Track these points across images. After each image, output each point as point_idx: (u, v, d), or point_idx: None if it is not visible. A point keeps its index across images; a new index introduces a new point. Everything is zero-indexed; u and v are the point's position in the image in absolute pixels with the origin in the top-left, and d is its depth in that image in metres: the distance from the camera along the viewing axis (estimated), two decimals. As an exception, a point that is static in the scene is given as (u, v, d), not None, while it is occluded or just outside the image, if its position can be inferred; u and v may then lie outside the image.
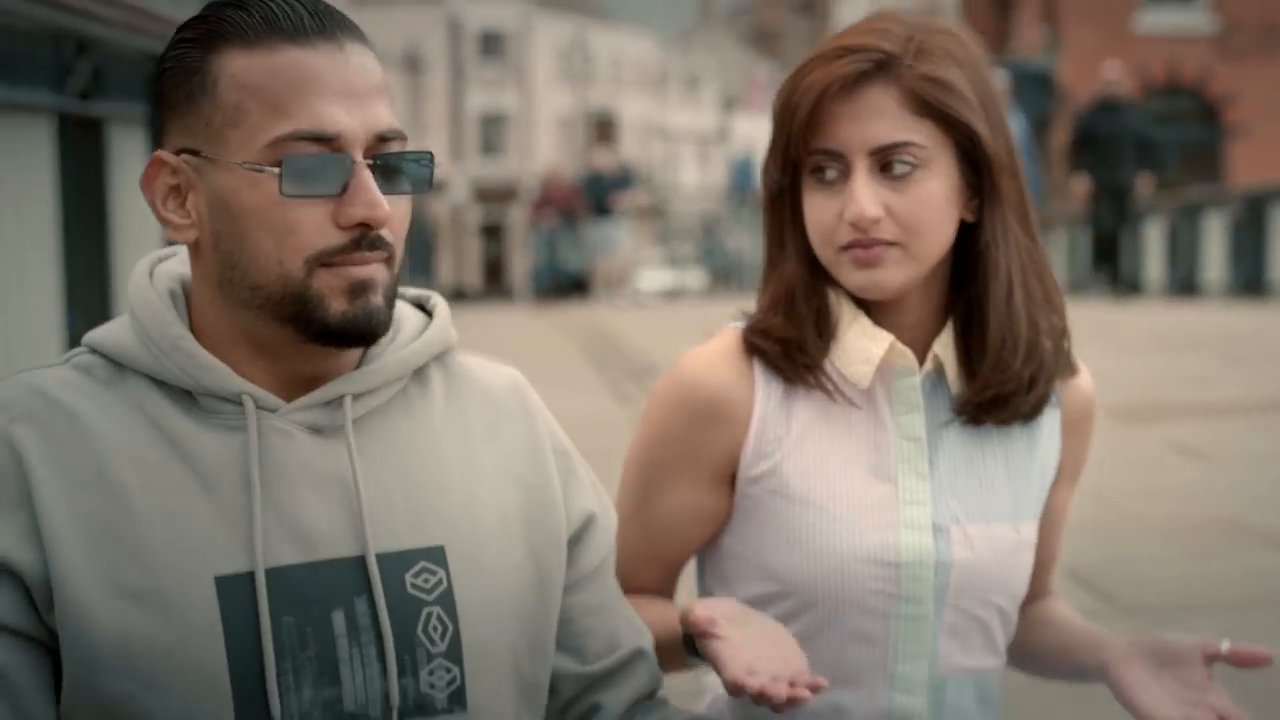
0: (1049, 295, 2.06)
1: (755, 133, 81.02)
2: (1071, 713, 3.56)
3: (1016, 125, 14.35)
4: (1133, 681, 1.94)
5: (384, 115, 1.68)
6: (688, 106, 76.98)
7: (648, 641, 1.90)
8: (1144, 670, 1.95)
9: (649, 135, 69.21)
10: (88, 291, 4.08)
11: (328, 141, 1.65)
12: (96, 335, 1.75)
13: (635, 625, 1.90)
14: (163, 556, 1.64)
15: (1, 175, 3.61)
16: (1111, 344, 10.56)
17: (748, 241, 65.71)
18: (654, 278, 44.28)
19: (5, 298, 3.50)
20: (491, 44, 60.73)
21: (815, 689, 1.72)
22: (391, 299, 1.71)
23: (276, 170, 1.63)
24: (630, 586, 2.03)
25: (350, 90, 1.66)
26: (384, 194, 1.66)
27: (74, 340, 3.86)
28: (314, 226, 1.66)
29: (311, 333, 1.67)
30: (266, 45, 1.66)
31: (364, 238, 1.66)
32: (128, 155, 4.45)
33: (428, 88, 49.73)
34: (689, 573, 2.19)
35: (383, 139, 1.68)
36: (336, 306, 1.67)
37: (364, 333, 1.68)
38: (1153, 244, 19.79)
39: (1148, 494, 5.82)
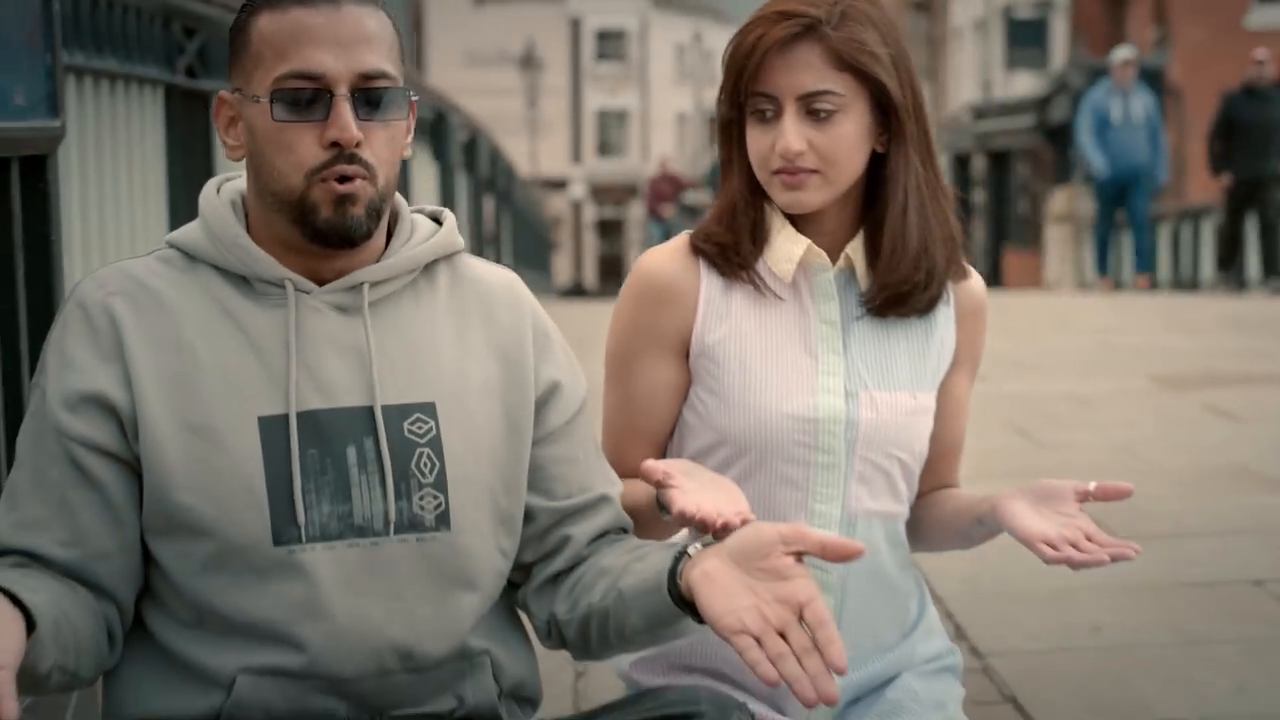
0: (942, 214, 2.54)
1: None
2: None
3: (1142, 101, 14.33)
4: (1015, 510, 2.41)
5: (368, 59, 2.14)
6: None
7: (616, 491, 2.39)
8: (1025, 504, 2.42)
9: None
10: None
11: (316, 79, 2.13)
12: (175, 235, 2.27)
13: (607, 477, 2.39)
14: (219, 401, 2.15)
15: (121, 139, 4.12)
16: (1176, 323, 10.97)
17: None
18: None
19: (120, 245, 4.03)
20: (610, 43, 61.15)
21: (745, 521, 2.20)
22: (375, 212, 2.16)
23: (270, 100, 2.13)
24: (623, 468, 2.51)
25: (339, 40, 2.14)
26: (364, 121, 2.14)
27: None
28: (305, 147, 2.13)
29: (307, 234, 2.16)
30: (283, 8, 2.15)
31: (341, 154, 2.13)
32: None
33: (547, 86, 50.28)
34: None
35: (367, 77, 2.15)
36: (324, 213, 2.14)
37: (344, 237, 2.16)
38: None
39: (1172, 447, 6.25)
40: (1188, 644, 3.81)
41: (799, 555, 2.07)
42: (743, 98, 2.50)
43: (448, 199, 10.44)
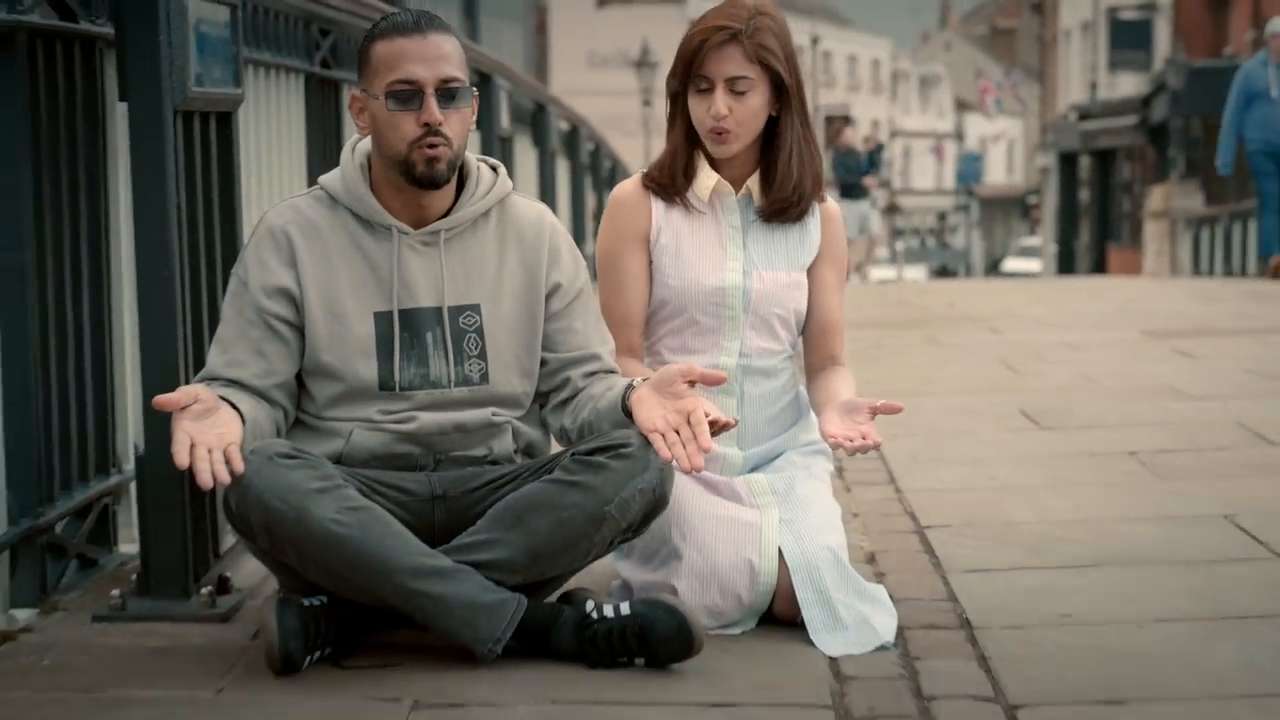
0: (812, 159, 3.90)
1: (987, 133, 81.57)
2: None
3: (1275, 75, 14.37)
4: (826, 417, 3.71)
5: (445, 69, 3.47)
6: (921, 109, 77.80)
7: (607, 349, 3.74)
8: (835, 413, 3.71)
9: (882, 137, 70.33)
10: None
11: (413, 83, 3.49)
12: (325, 180, 3.64)
13: (602, 339, 3.75)
14: (349, 299, 3.54)
15: (270, 120, 5.44)
16: (1203, 296, 12.15)
17: (975, 238, 66.68)
18: (873, 272, 45.48)
19: (274, 182, 5.32)
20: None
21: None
22: (451, 165, 3.50)
23: (384, 98, 3.49)
24: (619, 347, 3.87)
25: (426, 58, 3.48)
26: (444, 109, 3.48)
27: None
28: (407, 126, 3.49)
29: (409, 180, 3.51)
30: (389, 38, 3.52)
31: (430, 130, 3.48)
32: (357, 108, 6.35)
33: (663, 88, 51.32)
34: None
35: (445, 81, 3.49)
36: (420, 168, 3.50)
37: (432, 182, 3.50)
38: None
39: (1123, 374, 7.50)
40: (1061, 486, 5.06)
41: (691, 383, 3.42)
42: (687, 77, 3.85)
43: (547, 181, 11.82)
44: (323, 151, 5.84)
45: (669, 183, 3.89)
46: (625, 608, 3.38)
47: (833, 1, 79.29)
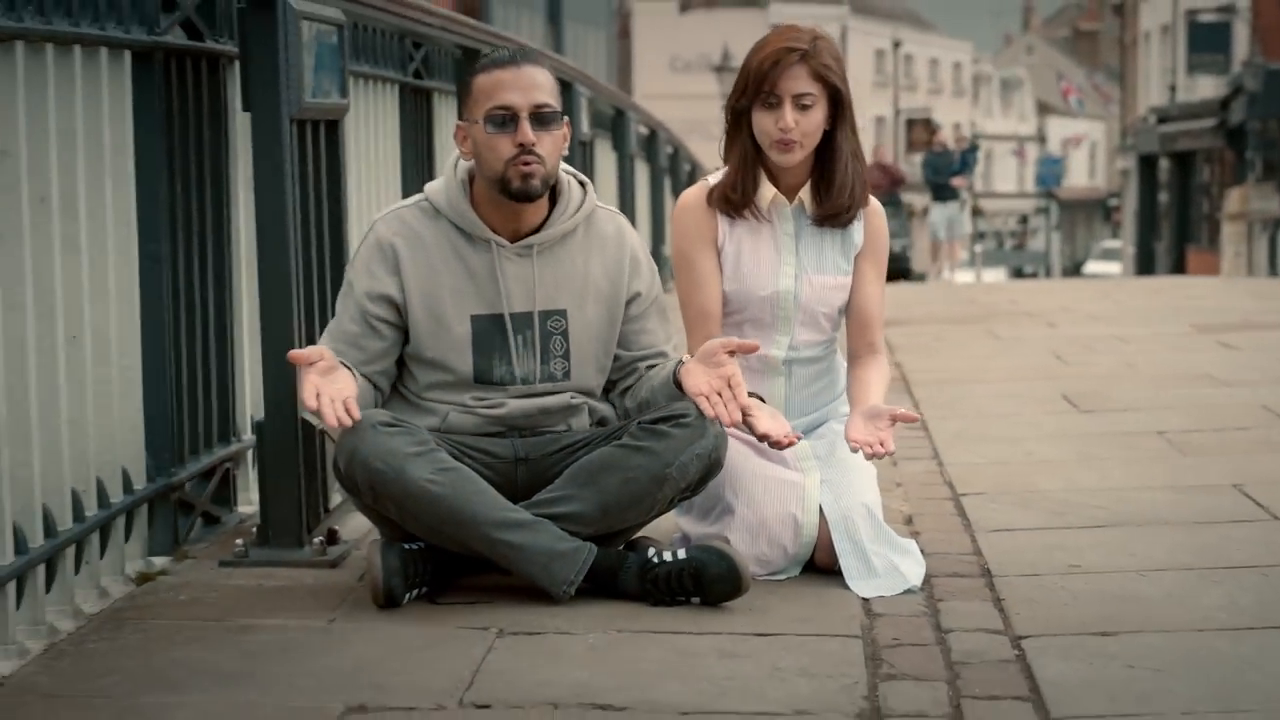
0: (860, 170, 4.37)
1: (1069, 135, 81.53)
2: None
3: None
4: (851, 421, 4.18)
5: (538, 96, 3.95)
6: (1003, 112, 77.83)
7: (672, 346, 4.24)
8: (859, 418, 4.19)
9: (964, 140, 70.39)
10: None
11: (509, 109, 3.98)
12: (430, 192, 4.12)
13: (668, 337, 4.24)
14: (449, 304, 4.04)
15: (367, 126, 5.93)
16: (1259, 293, 12.53)
17: (1055, 242, 66.76)
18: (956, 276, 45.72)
19: (365, 207, 5.86)
20: (810, 50, 62.26)
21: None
22: (544, 182, 3.98)
23: (484, 123, 3.98)
24: (699, 338, 4.35)
25: (520, 87, 3.97)
26: (536, 132, 3.96)
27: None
28: (504, 147, 3.97)
29: (506, 195, 4.00)
30: (488, 71, 4.02)
31: (525, 150, 3.96)
32: (445, 115, 6.87)
33: (745, 91, 51.47)
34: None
35: (538, 107, 3.98)
36: (516, 184, 3.99)
37: (527, 196, 3.98)
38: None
39: (1164, 364, 7.96)
40: (1090, 460, 5.52)
41: (731, 353, 3.92)
42: (754, 93, 4.31)
43: (626, 185, 12.35)
44: (415, 153, 6.37)
45: (738, 198, 4.33)
46: (682, 553, 3.89)
47: (914, 5, 79.46)
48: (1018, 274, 51.69)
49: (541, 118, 3.97)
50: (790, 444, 4.06)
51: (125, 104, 4.11)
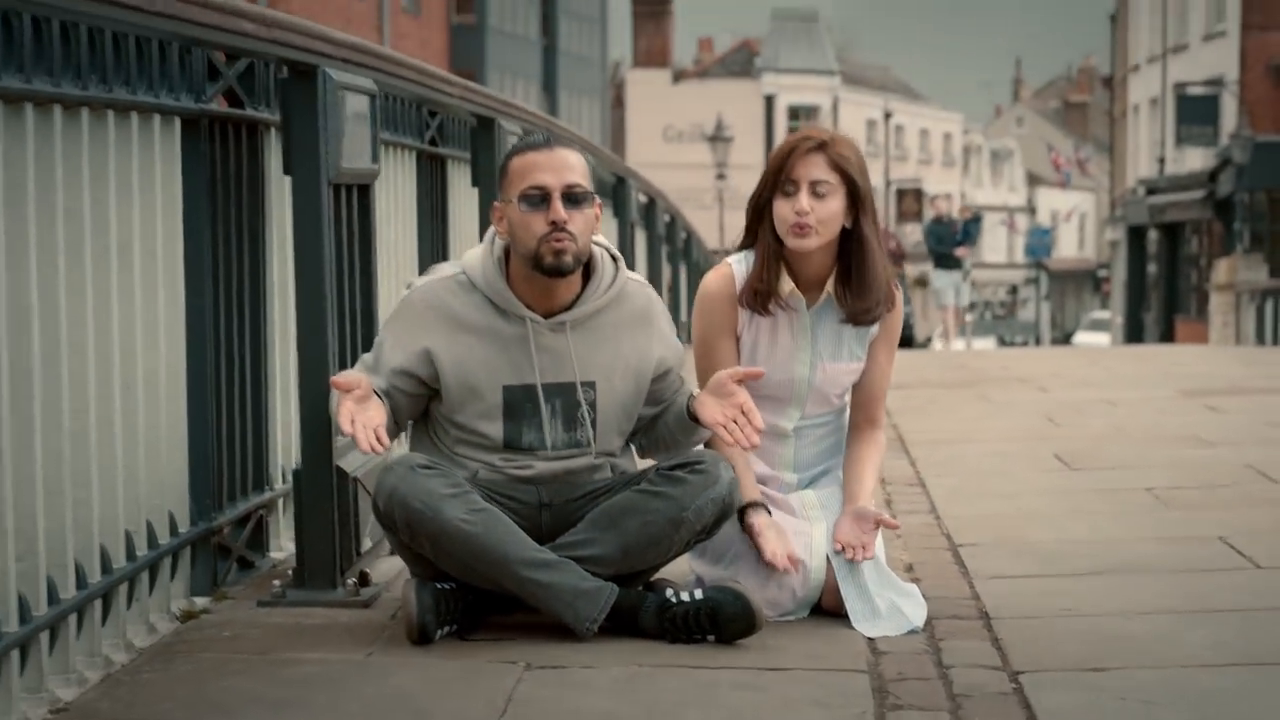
0: (885, 265, 4.60)
1: (1059, 206, 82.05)
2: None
3: None
4: (840, 522, 4.43)
5: (569, 177, 4.17)
6: (993, 182, 78.34)
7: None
8: (847, 519, 4.44)
9: (954, 210, 70.82)
10: (435, 255, 6.78)
11: (542, 189, 4.22)
12: (468, 266, 4.33)
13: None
14: (482, 374, 4.27)
15: (388, 190, 6.17)
16: (1243, 360, 12.79)
17: (1045, 312, 67.14)
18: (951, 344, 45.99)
19: (386, 266, 6.11)
20: (802, 119, 62.67)
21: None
22: (577, 257, 4.19)
23: (518, 202, 4.22)
24: None
25: (553, 168, 4.20)
26: (568, 210, 4.19)
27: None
28: (537, 225, 4.20)
29: (540, 271, 4.22)
30: (522, 154, 4.26)
31: (556, 228, 4.19)
32: (458, 180, 7.15)
33: (738, 162, 52.07)
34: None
35: (569, 186, 4.21)
36: (549, 260, 4.22)
37: (559, 272, 4.20)
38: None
39: (1153, 426, 8.23)
40: (1080, 514, 5.77)
41: (740, 381, 4.16)
42: (775, 182, 4.49)
43: (626, 252, 12.61)
44: (430, 216, 6.64)
45: (763, 289, 4.51)
46: (699, 593, 4.13)
47: (905, 77, 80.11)
48: (1003, 344, 51.94)
49: (573, 197, 4.20)
50: (791, 569, 4.31)
51: (175, 167, 4.36)
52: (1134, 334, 45.44)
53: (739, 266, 4.56)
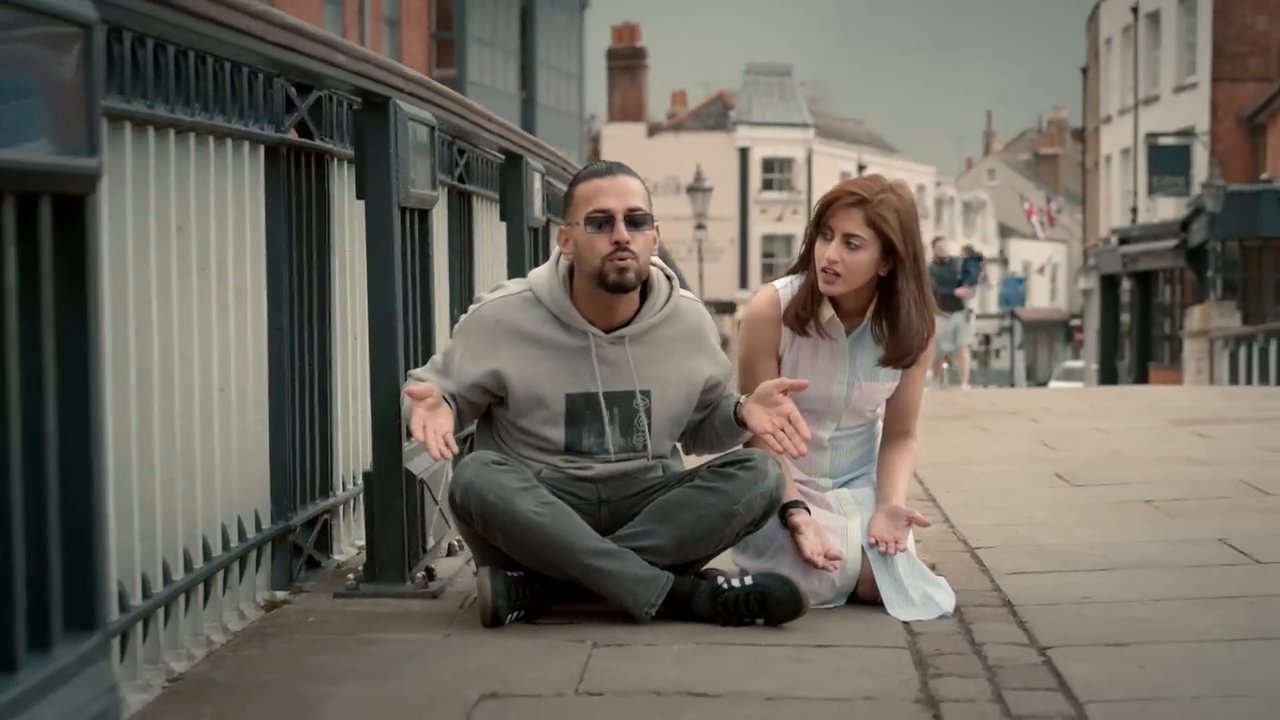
0: (926, 314, 4.89)
1: (1031, 257, 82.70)
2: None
3: None
4: (875, 519, 4.82)
5: (631, 201, 4.53)
6: (966, 233, 78.88)
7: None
8: (882, 516, 4.82)
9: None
10: (463, 285, 7.14)
11: (606, 212, 4.57)
12: (535, 285, 4.67)
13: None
14: (546, 384, 4.62)
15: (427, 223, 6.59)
16: (1228, 395, 13.19)
17: (1019, 361, 67.66)
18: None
19: (427, 292, 6.48)
20: (776, 172, 63.18)
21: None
22: (639, 274, 4.56)
23: (584, 225, 4.58)
24: None
25: (616, 193, 4.56)
26: (630, 232, 4.54)
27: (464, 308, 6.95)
28: (602, 245, 4.56)
29: (603, 288, 4.57)
30: (588, 180, 4.62)
31: (620, 248, 4.54)
32: (482, 215, 7.53)
33: (715, 213, 52.39)
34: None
35: (631, 210, 4.57)
36: (612, 278, 4.56)
37: (622, 288, 4.55)
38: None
39: (1147, 449, 8.62)
40: (1087, 522, 6.13)
41: (785, 392, 4.52)
42: (816, 224, 4.87)
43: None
44: (460, 247, 7.00)
45: (806, 315, 4.86)
46: (749, 580, 4.48)
47: (879, 130, 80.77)
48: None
49: (634, 219, 4.55)
50: (830, 568, 4.65)
51: (260, 191, 4.71)
52: (1108, 382, 45.86)
53: (785, 291, 4.92)
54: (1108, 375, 47.11)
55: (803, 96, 66.67)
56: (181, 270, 4.12)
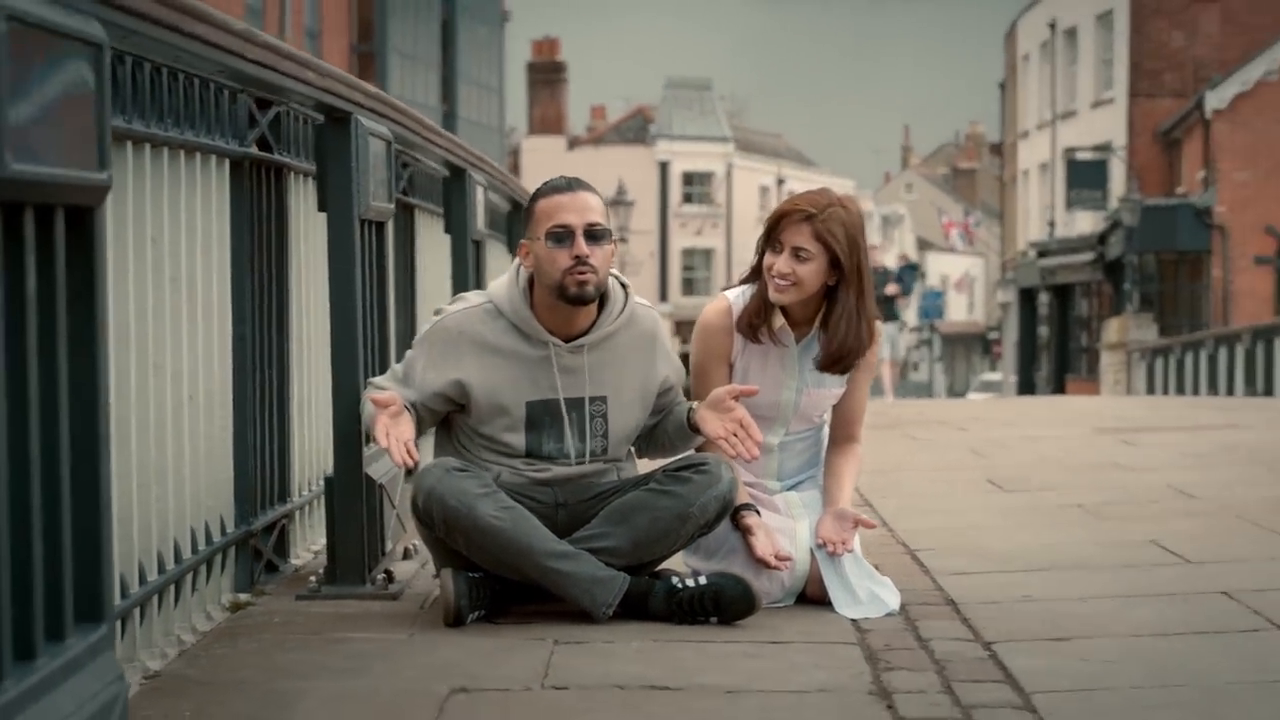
0: (865, 325, 5.03)
1: (948, 271, 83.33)
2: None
3: None
4: (822, 520, 4.98)
5: (592, 216, 4.69)
6: (884, 247, 79.40)
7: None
8: (830, 518, 4.99)
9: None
10: (406, 297, 7.27)
11: (567, 227, 4.72)
12: (495, 297, 4.83)
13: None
14: (508, 392, 4.77)
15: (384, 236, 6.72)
16: (1151, 405, 13.44)
17: (938, 374, 68.16)
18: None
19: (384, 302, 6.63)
20: (696, 185, 63.42)
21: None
22: (599, 287, 4.72)
23: (545, 239, 4.74)
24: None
25: (576, 208, 4.71)
26: (590, 246, 4.68)
27: (409, 320, 7.08)
28: (562, 259, 4.71)
29: (563, 300, 4.73)
30: (548, 196, 4.77)
31: (580, 262, 4.69)
32: (425, 228, 7.68)
33: (636, 227, 52.53)
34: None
35: (591, 225, 4.71)
36: (572, 290, 4.72)
37: (581, 300, 4.71)
38: None
39: (1075, 455, 8.83)
40: (1022, 525, 6.31)
41: (736, 398, 4.68)
42: (767, 236, 5.03)
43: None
44: (403, 259, 7.14)
45: (759, 323, 5.02)
46: (703, 579, 4.63)
47: (797, 144, 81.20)
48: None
49: (594, 234, 4.70)
50: (781, 567, 4.79)
51: (225, 204, 4.83)
52: (1026, 393, 46.31)
53: (737, 301, 5.09)
54: (1025, 387, 47.58)
55: (722, 111, 66.92)
56: (156, 282, 4.24)
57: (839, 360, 5.03)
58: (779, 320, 5.03)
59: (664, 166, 62.40)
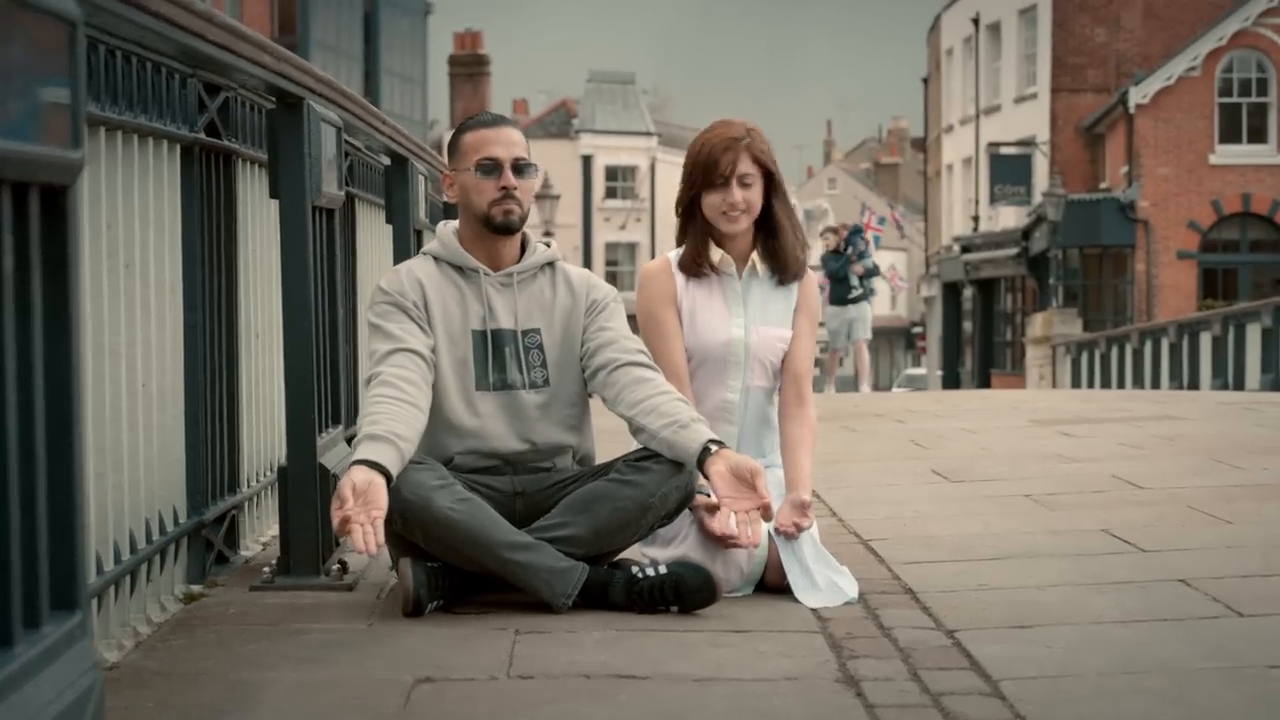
0: (799, 238, 5.15)
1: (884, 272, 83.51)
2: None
3: None
4: (781, 509, 4.92)
5: (517, 150, 4.79)
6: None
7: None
8: (787, 506, 4.93)
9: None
10: (346, 289, 7.21)
11: (495, 159, 4.77)
12: (428, 248, 4.87)
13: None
14: (453, 323, 4.76)
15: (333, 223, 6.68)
16: (1086, 398, 13.49)
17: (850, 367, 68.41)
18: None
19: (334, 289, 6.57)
20: (620, 180, 63.46)
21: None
22: (523, 217, 4.80)
23: (473, 170, 4.77)
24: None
25: (503, 142, 4.79)
26: (516, 178, 4.77)
27: (349, 310, 7.02)
28: (490, 189, 4.78)
29: (489, 230, 4.79)
30: (475, 130, 4.81)
31: (507, 193, 4.76)
32: (366, 220, 7.62)
33: (559, 221, 52.47)
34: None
35: (517, 159, 4.78)
36: (498, 219, 4.78)
37: (508, 229, 4.79)
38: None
39: (1014, 445, 8.85)
40: (971, 515, 6.32)
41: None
42: (702, 179, 5.09)
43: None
44: (343, 249, 7.07)
45: (693, 263, 5.13)
46: (663, 569, 4.60)
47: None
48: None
49: (519, 167, 4.84)
50: (742, 543, 4.70)
51: (176, 190, 4.77)
52: (951, 388, 46.55)
53: (675, 255, 5.19)
54: (950, 382, 47.81)
55: (645, 104, 66.92)
56: (110, 267, 4.17)
57: (791, 265, 5.18)
58: (718, 253, 5.13)
59: (587, 160, 62.36)
